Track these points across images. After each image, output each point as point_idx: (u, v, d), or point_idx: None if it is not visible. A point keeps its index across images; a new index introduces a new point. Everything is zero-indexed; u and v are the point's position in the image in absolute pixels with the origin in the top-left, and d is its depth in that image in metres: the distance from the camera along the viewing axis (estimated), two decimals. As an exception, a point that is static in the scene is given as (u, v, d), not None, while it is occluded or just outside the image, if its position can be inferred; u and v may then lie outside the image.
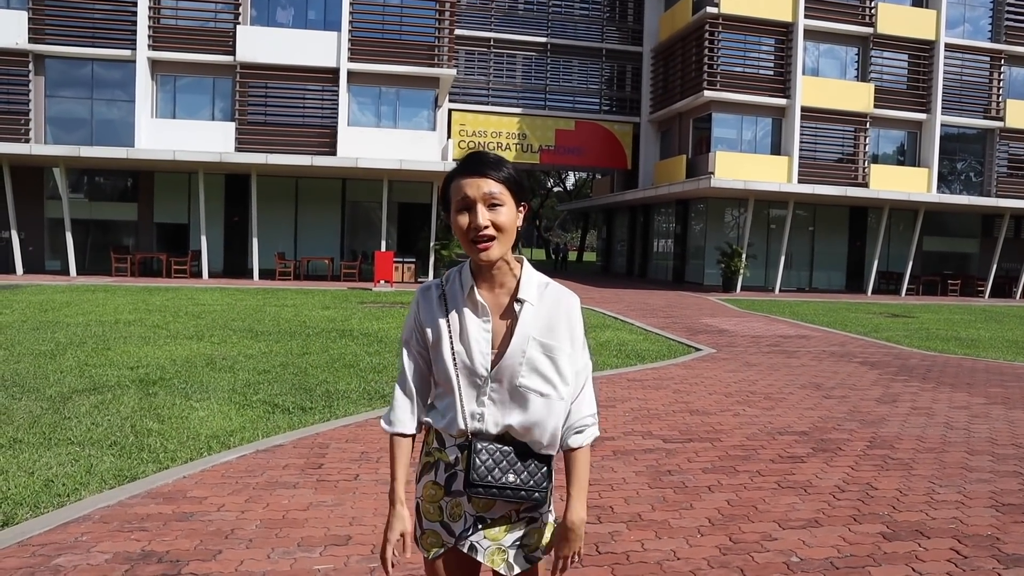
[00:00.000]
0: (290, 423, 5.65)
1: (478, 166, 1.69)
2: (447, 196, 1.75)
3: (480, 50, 29.17)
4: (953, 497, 4.37)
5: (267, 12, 23.14)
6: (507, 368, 1.71)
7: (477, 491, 1.68)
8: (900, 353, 10.82)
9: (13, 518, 3.65)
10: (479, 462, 1.68)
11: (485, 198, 1.66)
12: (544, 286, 1.77)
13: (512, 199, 1.70)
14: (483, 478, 1.68)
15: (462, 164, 1.72)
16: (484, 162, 1.70)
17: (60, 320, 11.09)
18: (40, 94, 22.02)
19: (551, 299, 1.76)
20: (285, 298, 16.15)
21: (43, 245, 22.51)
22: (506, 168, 1.71)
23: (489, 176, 1.67)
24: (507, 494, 1.69)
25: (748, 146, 26.30)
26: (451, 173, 1.73)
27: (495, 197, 1.67)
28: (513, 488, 1.69)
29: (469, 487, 1.68)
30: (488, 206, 1.67)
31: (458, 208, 1.69)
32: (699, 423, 6.06)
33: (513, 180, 1.71)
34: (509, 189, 1.69)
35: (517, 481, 1.70)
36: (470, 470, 1.68)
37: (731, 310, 17.47)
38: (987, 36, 27.98)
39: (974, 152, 28.68)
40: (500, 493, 1.69)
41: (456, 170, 1.72)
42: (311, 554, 3.33)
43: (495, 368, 1.71)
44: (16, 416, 5.51)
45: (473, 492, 1.69)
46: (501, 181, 1.68)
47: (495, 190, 1.67)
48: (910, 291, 26.36)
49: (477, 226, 1.66)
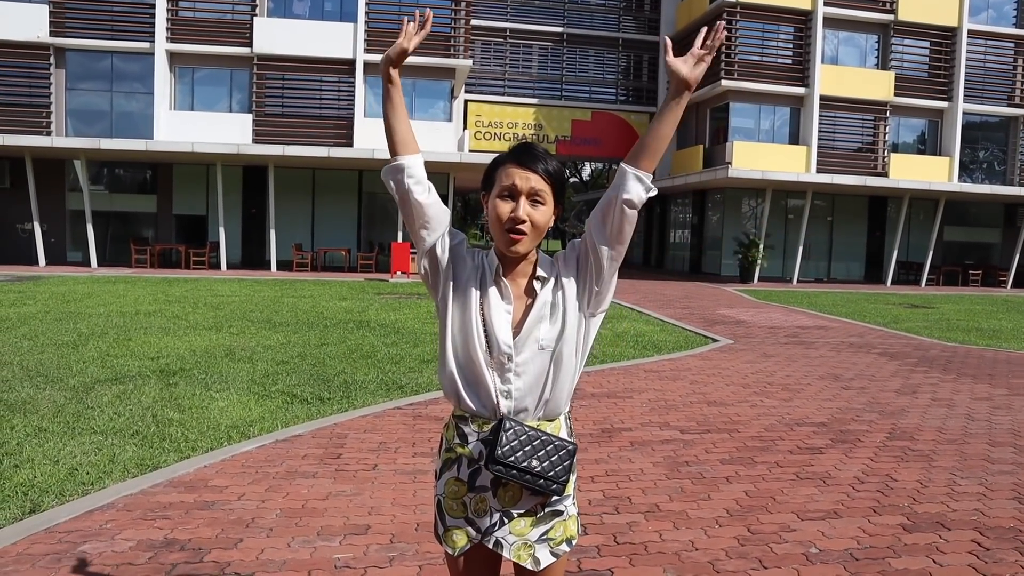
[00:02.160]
0: (308, 413, 5.70)
1: (532, 160, 1.71)
2: (490, 177, 1.76)
3: (496, 40, 29.06)
4: (974, 489, 4.33)
5: (284, 4, 23.22)
6: (527, 339, 1.73)
7: (498, 469, 1.67)
8: (920, 344, 10.72)
9: (39, 505, 3.71)
10: (506, 440, 1.68)
11: (530, 192, 1.70)
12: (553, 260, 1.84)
13: (553, 199, 1.74)
14: (507, 457, 1.67)
15: (516, 151, 1.73)
16: (537, 156, 1.72)
17: (82, 311, 11.22)
18: (61, 87, 22.24)
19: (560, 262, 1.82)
20: (302, 289, 16.24)
21: (65, 237, 22.77)
22: (556, 168, 1.73)
23: (539, 172, 1.70)
24: (527, 479, 1.69)
25: (766, 136, 26.06)
26: (502, 157, 1.75)
27: (539, 194, 1.70)
28: (533, 474, 1.69)
29: (491, 463, 1.68)
30: (531, 201, 1.70)
31: (501, 194, 1.72)
32: (716, 414, 6.04)
33: (560, 182, 1.74)
34: (553, 190, 1.73)
35: (539, 468, 1.69)
36: (496, 446, 1.67)
37: (748, 301, 17.37)
38: (1011, 22, 27.49)
39: (997, 140, 28.24)
40: (520, 476, 1.68)
41: (509, 156, 1.74)
42: (330, 543, 3.36)
43: (516, 340, 1.73)
44: (41, 405, 5.60)
45: (494, 470, 1.68)
46: (549, 180, 1.71)
47: (542, 187, 1.70)
48: (930, 282, 26.07)
49: (517, 218, 1.68)
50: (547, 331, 1.74)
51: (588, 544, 3.41)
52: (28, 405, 5.60)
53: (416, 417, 5.66)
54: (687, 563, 3.26)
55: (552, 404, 1.77)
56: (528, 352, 1.73)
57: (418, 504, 3.86)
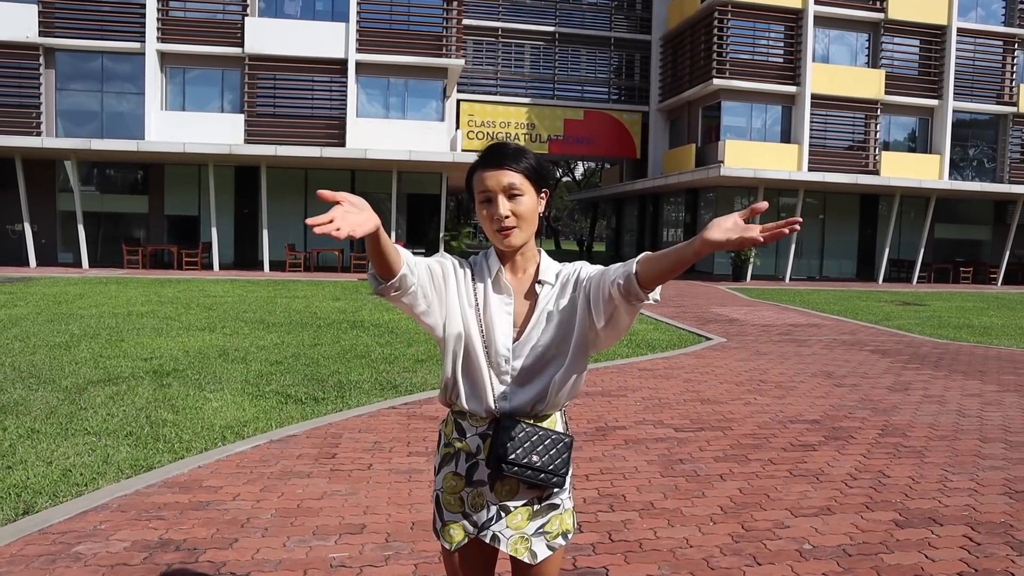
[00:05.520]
0: (303, 413, 5.69)
1: (498, 158, 1.73)
2: (471, 187, 1.78)
3: (488, 40, 29.07)
4: (966, 484, 4.36)
5: (275, 3, 23.14)
6: (527, 345, 1.75)
7: (502, 467, 1.70)
8: (912, 341, 10.78)
9: (33, 507, 3.70)
10: (506, 439, 1.71)
11: (505, 189, 1.71)
12: (559, 269, 1.84)
13: (532, 188, 1.74)
14: (509, 455, 1.70)
15: (483, 156, 1.76)
16: (504, 154, 1.73)
17: (74, 312, 11.17)
18: (51, 87, 22.11)
19: (563, 274, 1.82)
20: (296, 289, 16.21)
21: (55, 238, 22.64)
22: (525, 158, 1.74)
23: (508, 168, 1.71)
24: (529, 475, 1.72)
25: (758, 134, 26.14)
26: (473, 165, 1.78)
27: (515, 188, 1.71)
28: (535, 469, 1.72)
29: (495, 462, 1.70)
30: (508, 197, 1.71)
31: (480, 200, 1.75)
32: (710, 412, 6.07)
33: (532, 169, 1.74)
34: (528, 179, 1.73)
35: (540, 463, 1.72)
36: (497, 447, 1.70)
37: (741, 299, 17.43)
38: (1000, 20, 27.65)
39: (987, 138, 28.40)
40: (522, 473, 1.71)
41: (477, 162, 1.76)
42: (326, 542, 3.36)
43: (516, 344, 1.75)
44: (33, 407, 5.58)
45: (498, 470, 1.70)
46: (520, 172, 1.72)
47: (515, 181, 1.71)
48: (922, 279, 26.19)
49: (499, 217, 1.70)
50: (547, 338, 1.75)
51: (583, 542, 3.42)
52: (21, 406, 5.58)
53: (411, 416, 5.66)
54: (681, 560, 3.27)
55: (549, 407, 1.79)
56: (527, 358, 1.74)
57: (413, 503, 3.86)
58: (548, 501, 1.80)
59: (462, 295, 1.77)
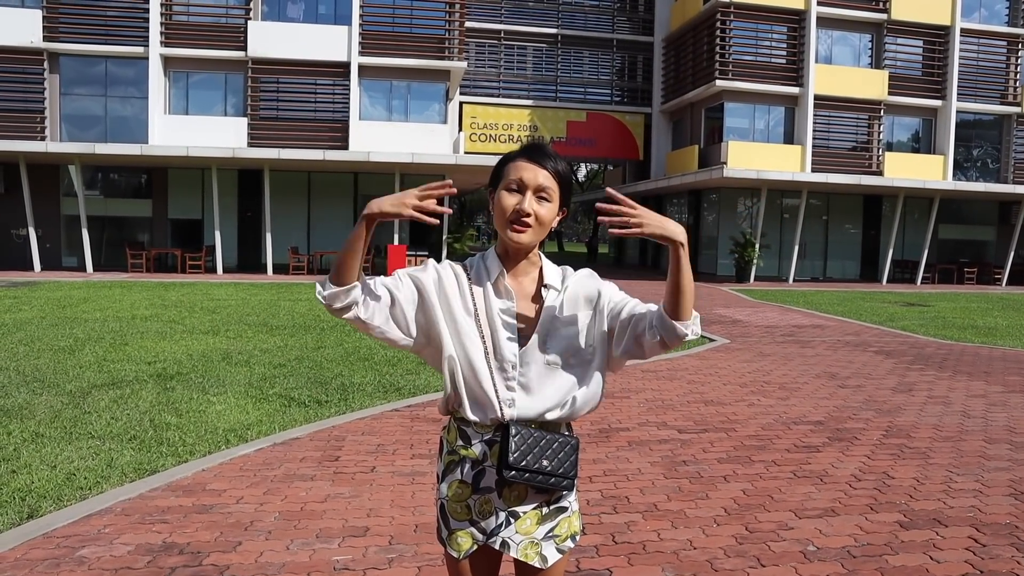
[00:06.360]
0: (306, 416, 5.70)
1: (541, 156, 1.74)
2: (498, 174, 1.77)
3: (490, 42, 29.09)
4: (971, 486, 4.35)
5: (278, 7, 23.18)
6: (535, 351, 1.73)
7: (513, 475, 1.68)
8: (916, 342, 10.75)
9: (37, 511, 3.71)
10: (515, 446, 1.68)
11: (537, 188, 1.71)
12: (563, 273, 1.84)
13: (559, 199, 1.76)
14: (519, 462, 1.68)
15: (527, 149, 1.77)
16: (547, 154, 1.75)
17: (78, 316, 11.20)
18: (55, 92, 22.18)
19: (572, 281, 1.82)
20: (299, 292, 16.23)
21: (60, 242, 22.71)
22: (564, 168, 1.76)
23: (548, 169, 1.73)
24: (539, 480, 1.70)
25: (760, 135, 26.11)
26: (512, 154, 1.78)
27: (545, 191, 1.72)
28: (546, 474, 1.70)
29: (506, 470, 1.68)
30: (537, 197, 1.72)
31: (509, 187, 1.73)
32: (714, 413, 6.06)
33: (566, 181, 1.77)
34: (560, 189, 1.75)
35: (550, 467, 1.70)
36: (507, 454, 1.68)
37: (745, 300, 17.40)
38: (1004, 20, 27.61)
39: (990, 138, 28.33)
40: (533, 479, 1.69)
41: (518, 152, 1.77)
42: (329, 545, 3.36)
43: (523, 351, 1.73)
44: (38, 411, 5.59)
45: (509, 477, 1.68)
46: (556, 178, 1.74)
47: (549, 184, 1.72)
48: (926, 280, 26.13)
49: (523, 210, 1.70)
50: (557, 345, 1.74)
51: (587, 544, 3.41)
52: (25, 410, 5.59)
53: (414, 419, 5.67)
54: (685, 562, 3.26)
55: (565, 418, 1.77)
56: (536, 364, 1.73)
57: (416, 506, 3.86)
58: (557, 504, 1.78)
59: (455, 306, 1.74)
